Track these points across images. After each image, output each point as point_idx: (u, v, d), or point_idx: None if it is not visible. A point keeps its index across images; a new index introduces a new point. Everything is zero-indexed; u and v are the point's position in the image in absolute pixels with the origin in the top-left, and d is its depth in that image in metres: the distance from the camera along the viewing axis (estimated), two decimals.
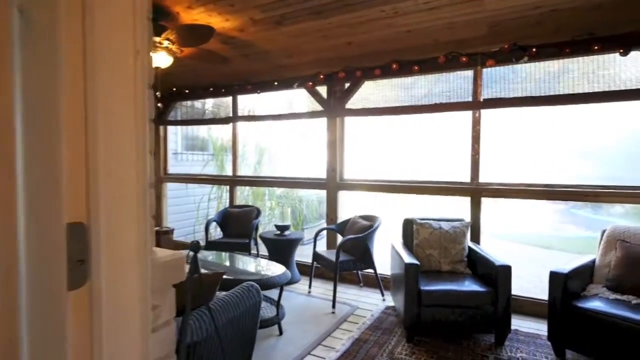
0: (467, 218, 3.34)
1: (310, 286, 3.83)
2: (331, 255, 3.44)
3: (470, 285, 2.73)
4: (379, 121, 4.32)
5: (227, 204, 5.08)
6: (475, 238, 3.36)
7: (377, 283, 3.59)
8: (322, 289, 3.88)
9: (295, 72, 4.17)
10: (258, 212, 4.46)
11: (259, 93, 4.54)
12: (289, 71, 4.19)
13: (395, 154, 5.48)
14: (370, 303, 3.47)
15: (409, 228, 3.25)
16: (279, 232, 4.08)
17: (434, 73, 3.55)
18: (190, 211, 6.14)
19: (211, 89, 4.87)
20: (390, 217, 4.26)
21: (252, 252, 4.37)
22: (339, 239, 4.03)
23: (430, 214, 3.35)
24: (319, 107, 4.17)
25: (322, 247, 4.31)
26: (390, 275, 3.40)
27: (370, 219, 3.67)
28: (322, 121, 4.21)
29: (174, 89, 5.21)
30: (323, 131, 4.21)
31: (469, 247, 3.08)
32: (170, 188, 5.89)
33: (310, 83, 4.12)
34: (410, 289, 2.65)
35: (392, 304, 3.38)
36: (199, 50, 3.37)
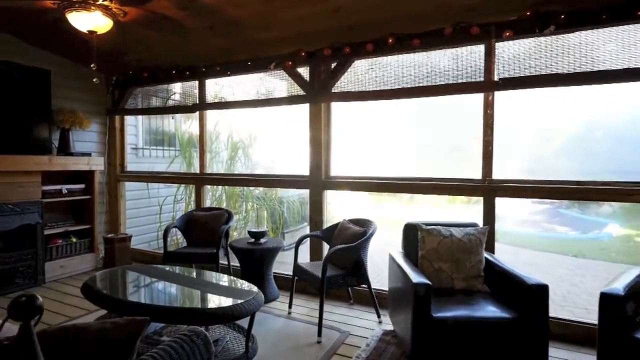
0: (470, 221, 2.76)
1: (290, 305, 3.18)
2: (316, 269, 2.80)
3: (493, 310, 2.14)
4: (372, 108, 3.73)
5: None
6: (490, 247, 2.78)
7: (372, 301, 2.97)
8: (305, 307, 3.23)
9: (273, 49, 3.51)
10: (229, 216, 3.77)
11: (229, 75, 3.85)
12: (266, 48, 3.52)
13: (390, 147, 4.87)
14: (365, 327, 2.85)
15: (412, 235, 2.64)
16: (253, 239, 3.41)
17: (438, 48, 2.96)
18: (153, 214, 5.36)
19: (174, 72, 4.14)
20: (379, 220, 3.64)
21: (223, 263, 3.68)
22: (325, 248, 3.39)
23: (434, 218, 2.76)
24: (300, 92, 3.53)
25: (304, 257, 3.66)
26: (388, 290, 2.79)
27: (363, 223, 3.05)
28: (305, 108, 3.56)
29: (130, 72, 4.45)
30: (305, 120, 3.56)
31: (486, 259, 2.50)
32: (130, 188, 5.11)
33: (290, 62, 3.46)
34: (421, 316, 2.04)
35: (390, 326, 2.77)
36: (148, 14, 2.67)
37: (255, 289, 2.28)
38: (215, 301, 2.23)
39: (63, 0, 2.37)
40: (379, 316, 2.96)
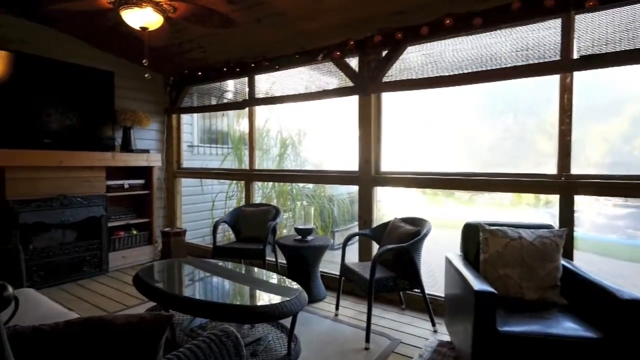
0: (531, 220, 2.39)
1: (337, 307, 3.03)
2: (365, 270, 2.62)
3: (572, 327, 1.80)
4: (425, 98, 3.46)
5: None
6: (568, 254, 2.40)
7: (426, 307, 2.72)
8: (353, 310, 3.07)
9: (320, 40, 3.39)
10: (276, 212, 3.72)
11: (277, 69, 3.80)
12: (313, 40, 3.41)
13: (446, 141, 4.51)
14: (417, 335, 2.61)
15: (473, 237, 2.36)
16: (299, 237, 3.32)
17: (503, 27, 2.63)
18: (207, 210, 5.53)
19: (225, 69, 4.19)
20: (433, 220, 3.35)
21: (270, 260, 3.64)
22: (375, 248, 3.19)
23: (497, 218, 2.44)
24: (349, 84, 3.36)
25: (353, 257, 3.50)
26: (445, 297, 2.53)
27: (416, 222, 2.81)
28: (353, 100, 3.39)
29: (185, 72, 4.60)
30: (354, 113, 3.39)
31: (563, 267, 2.14)
32: (186, 184, 5.31)
33: (338, 52, 3.31)
34: (483, 330, 1.77)
35: (446, 337, 2.51)
36: (197, 9, 2.67)
37: (298, 288, 2.16)
38: (255, 299, 2.15)
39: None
40: (433, 324, 2.70)
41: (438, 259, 2.93)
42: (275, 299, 2.02)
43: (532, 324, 1.83)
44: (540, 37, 2.53)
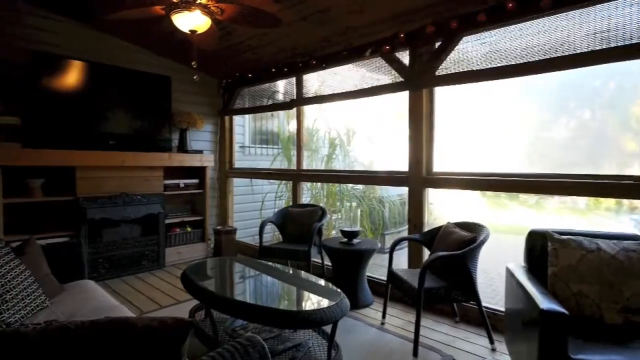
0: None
1: (384, 314, 2.87)
2: (413, 278, 2.43)
3: None
4: (486, 91, 3.16)
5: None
6: None
7: (483, 322, 2.46)
8: (401, 319, 2.88)
9: (368, 35, 3.25)
10: (323, 213, 3.64)
11: (324, 68, 3.73)
12: (360, 35, 3.28)
13: (509, 139, 4.12)
14: (473, 353, 2.37)
15: (540, 246, 2.07)
16: (345, 239, 3.21)
17: (578, 6, 2.29)
18: (258, 210, 5.62)
19: (273, 70, 4.21)
20: (492, 226, 3.04)
21: (317, 261, 3.57)
22: (426, 254, 2.98)
23: (570, 225, 2.12)
24: (399, 79, 3.18)
25: (403, 262, 3.31)
26: (505, 312, 2.26)
27: (472, 228, 2.56)
28: (404, 97, 3.20)
29: (237, 74, 4.72)
30: (405, 111, 3.20)
31: None
32: (238, 184, 5.45)
33: (387, 47, 3.15)
34: (552, 355, 1.52)
35: (507, 357, 2.24)
36: (243, 9, 2.68)
37: (339, 293, 2.05)
38: (293, 303, 2.08)
39: (169, 5, 2.54)
40: (491, 342, 2.43)
41: (499, 268, 2.64)
42: (315, 304, 1.93)
43: (614, 354, 1.54)
44: (625, 14, 2.16)
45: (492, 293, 3.86)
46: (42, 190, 3.50)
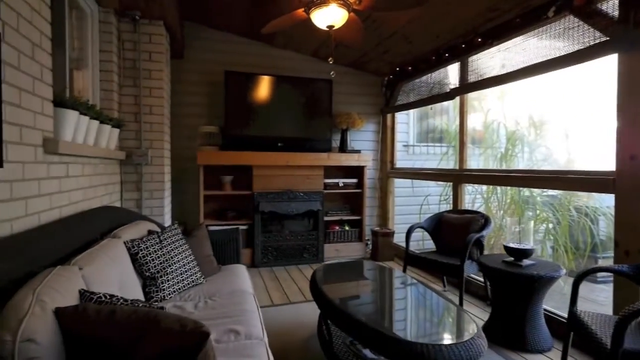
0: None
1: None
2: (606, 331, 1.62)
3: None
4: None
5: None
6: None
7: None
8: None
9: None
10: (485, 222, 2.97)
11: (492, 44, 3.04)
12: None
13: None
14: None
15: None
16: (511, 258, 2.50)
17: None
18: (417, 214, 5.19)
19: (433, 58, 3.76)
20: None
21: (476, 279, 2.94)
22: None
23: None
24: (602, 38, 2.23)
25: (597, 301, 2.34)
26: None
27: None
28: (609, 63, 2.22)
29: (397, 69, 4.47)
30: (612, 84, 2.22)
31: None
32: (400, 185, 5.19)
33: None
34: None
35: None
36: None
37: (473, 330, 1.55)
38: (407, 332, 1.70)
39: (306, 5, 2.57)
40: None
41: None
42: (435, 337, 1.52)
43: None
44: None
45: None
46: (231, 185, 4.25)
